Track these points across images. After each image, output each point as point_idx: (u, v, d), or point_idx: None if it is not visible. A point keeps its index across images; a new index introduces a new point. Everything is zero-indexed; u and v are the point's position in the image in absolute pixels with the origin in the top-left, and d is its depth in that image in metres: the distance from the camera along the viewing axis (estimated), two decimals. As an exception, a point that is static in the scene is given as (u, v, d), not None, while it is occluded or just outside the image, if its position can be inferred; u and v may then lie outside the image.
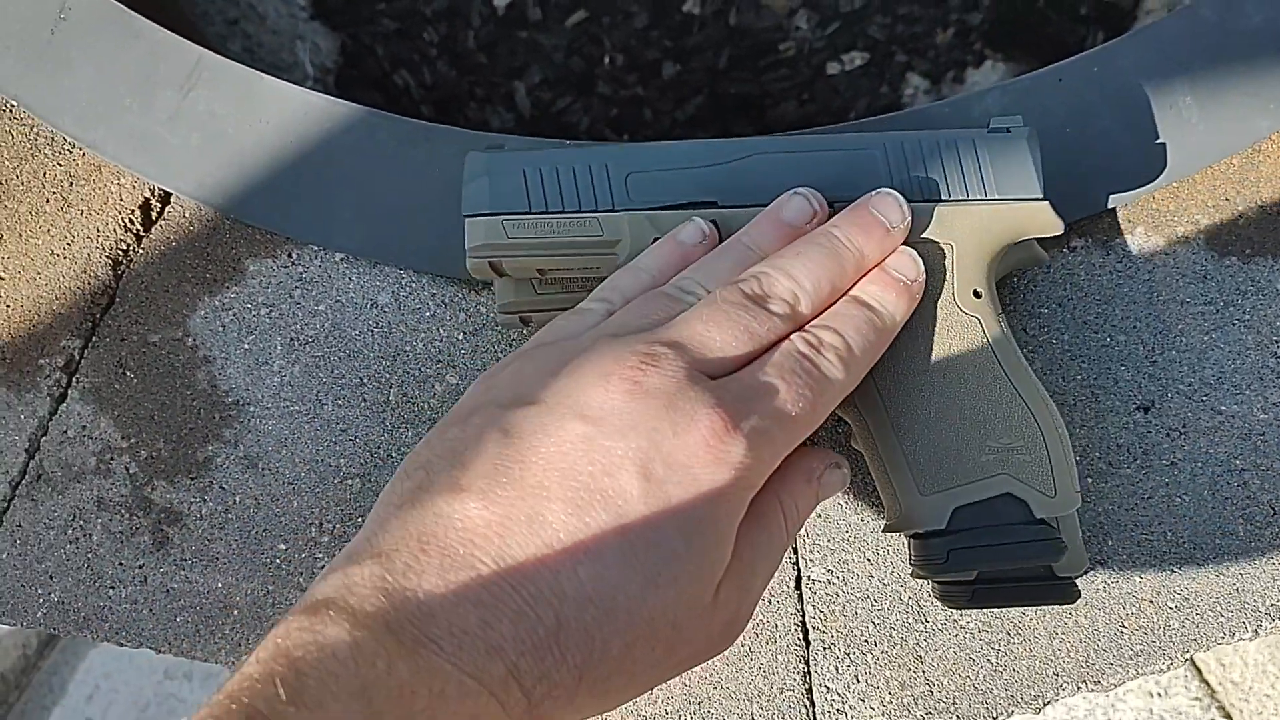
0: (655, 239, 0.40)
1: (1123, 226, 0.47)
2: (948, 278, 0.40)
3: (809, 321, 0.36)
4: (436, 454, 0.32)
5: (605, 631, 0.30)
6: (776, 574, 0.44)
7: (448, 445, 0.33)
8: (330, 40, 0.99)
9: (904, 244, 0.39)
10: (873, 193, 0.39)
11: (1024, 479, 0.38)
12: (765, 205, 0.40)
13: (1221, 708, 0.90)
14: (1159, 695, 0.89)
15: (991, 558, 0.38)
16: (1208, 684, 0.89)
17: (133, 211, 0.50)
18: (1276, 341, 0.45)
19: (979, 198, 0.40)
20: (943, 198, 0.40)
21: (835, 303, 0.37)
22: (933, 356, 0.39)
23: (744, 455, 0.32)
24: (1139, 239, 0.46)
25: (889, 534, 0.44)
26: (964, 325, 0.39)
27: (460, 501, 0.30)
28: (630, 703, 0.43)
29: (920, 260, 0.38)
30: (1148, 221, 0.47)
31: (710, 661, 0.42)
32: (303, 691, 0.26)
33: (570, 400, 0.32)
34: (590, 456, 0.31)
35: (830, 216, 0.39)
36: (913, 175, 0.40)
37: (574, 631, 0.30)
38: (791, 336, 0.35)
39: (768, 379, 0.34)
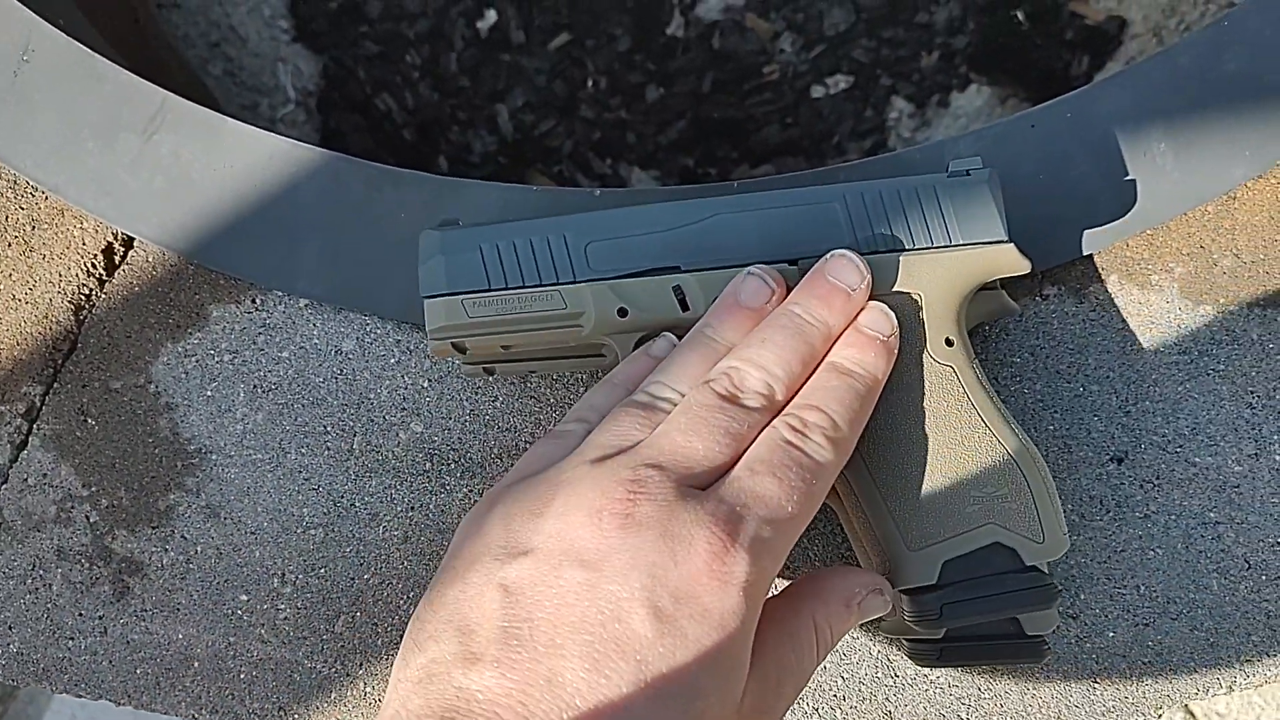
0: (620, 308, 0.40)
1: (1097, 274, 0.46)
2: (920, 329, 0.39)
3: (788, 403, 0.35)
4: (442, 620, 0.32)
5: None
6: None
7: (450, 609, 0.32)
8: (312, 63, 0.99)
9: (874, 299, 0.38)
10: (828, 256, 0.38)
11: (1011, 527, 0.38)
12: (729, 268, 0.39)
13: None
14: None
15: (986, 609, 0.37)
16: (1192, 714, 0.88)
17: (95, 256, 0.49)
18: (1251, 392, 0.44)
19: (944, 244, 0.40)
20: (907, 247, 0.40)
21: (812, 373, 0.36)
22: (910, 409, 0.38)
23: (748, 570, 0.31)
24: (1113, 287, 0.46)
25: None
26: (939, 375, 0.39)
27: (477, 672, 0.30)
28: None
29: (892, 314, 0.38)
30: (1121, 269, 0.46)
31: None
32: None
33: (564, 545, 0.31)
34: (597, 605, 0.30)
35: (799, 273, 0.39)
36: (875, 227, 0.40)
37: None
38: (775, 423, 0.35)
39: (759, 479, 0.33)
